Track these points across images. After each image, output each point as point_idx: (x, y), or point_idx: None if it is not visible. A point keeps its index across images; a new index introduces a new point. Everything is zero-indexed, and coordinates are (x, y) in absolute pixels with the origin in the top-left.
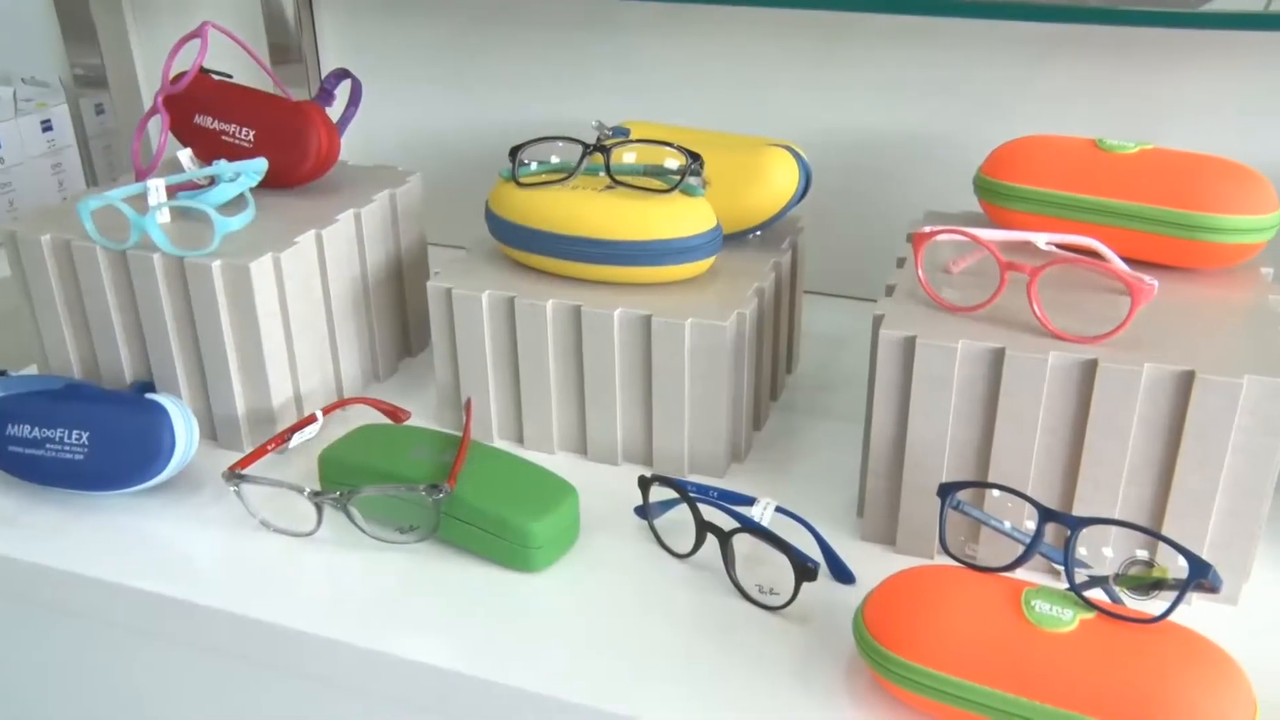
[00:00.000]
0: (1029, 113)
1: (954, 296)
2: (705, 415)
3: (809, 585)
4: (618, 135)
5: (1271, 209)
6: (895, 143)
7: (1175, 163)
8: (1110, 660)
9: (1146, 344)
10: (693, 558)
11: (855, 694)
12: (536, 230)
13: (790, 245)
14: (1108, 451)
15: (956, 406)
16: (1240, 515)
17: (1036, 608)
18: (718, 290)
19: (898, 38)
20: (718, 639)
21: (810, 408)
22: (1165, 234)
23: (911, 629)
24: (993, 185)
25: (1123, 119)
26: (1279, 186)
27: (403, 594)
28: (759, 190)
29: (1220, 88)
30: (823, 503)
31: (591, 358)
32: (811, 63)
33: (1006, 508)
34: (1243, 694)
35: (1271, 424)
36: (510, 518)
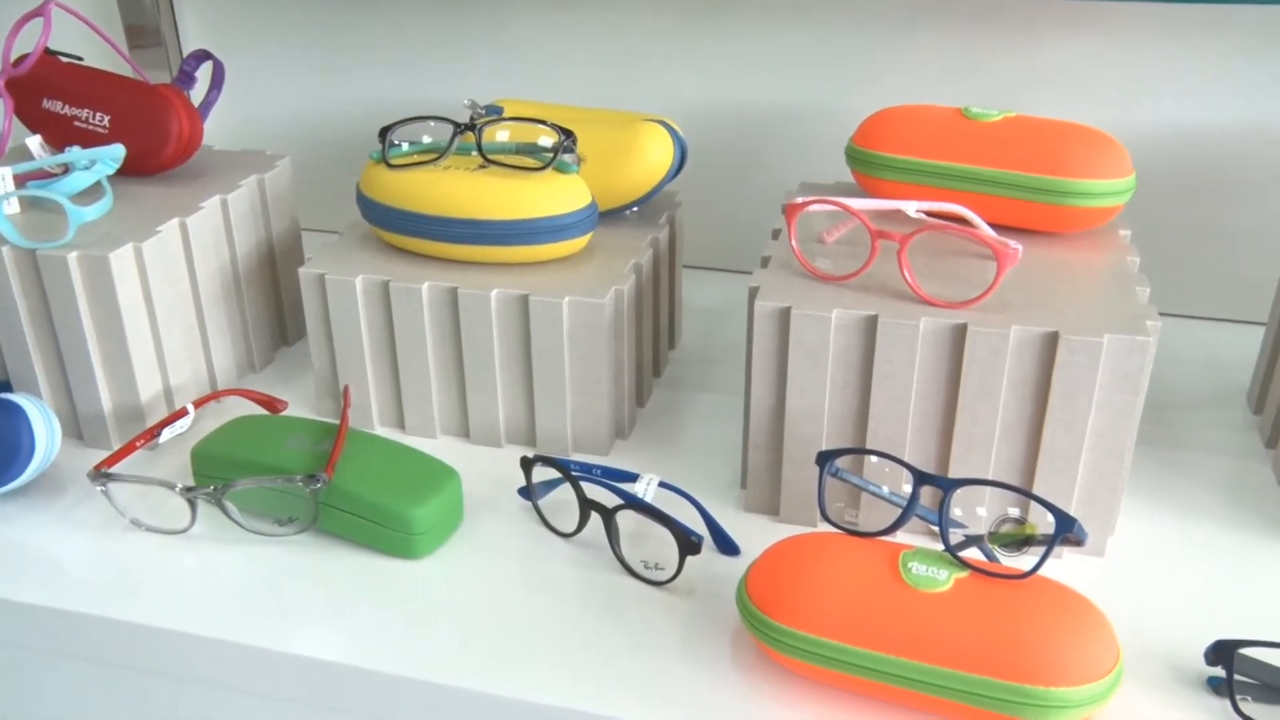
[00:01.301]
0: (899, 83)
1: (828, 266)
2: (587, 394)
3: (694, 558)
4: (491, 114)
5: (1127, 173)
6: (770, 115)
7: (1037, 130)
8: (983, 616)
9: (1013, 307)
10: (578, 536)
11: (741, 663)
12: (409, 212)
13: (668, 220)
14: (979, 413)
15: (833, 375)
16: (1104, 471)
17: (913, 569)
18: (595, 267)
19: (769, 11)
20: (604, 616)
21: (694, 382)
22: (1029, 199)
23: (792, 597)
24: (863, 155)
25: (988, 88)
26: (1133, 151)
27: (284, 588)
28: (634, 166)
29: (1079, 56)
30: (707, 476)
31: (470, 340)
32: (685, 38)
33: (884, 473)
34: (1107, 640)
35: (1131, 381)
36: (391, 505)
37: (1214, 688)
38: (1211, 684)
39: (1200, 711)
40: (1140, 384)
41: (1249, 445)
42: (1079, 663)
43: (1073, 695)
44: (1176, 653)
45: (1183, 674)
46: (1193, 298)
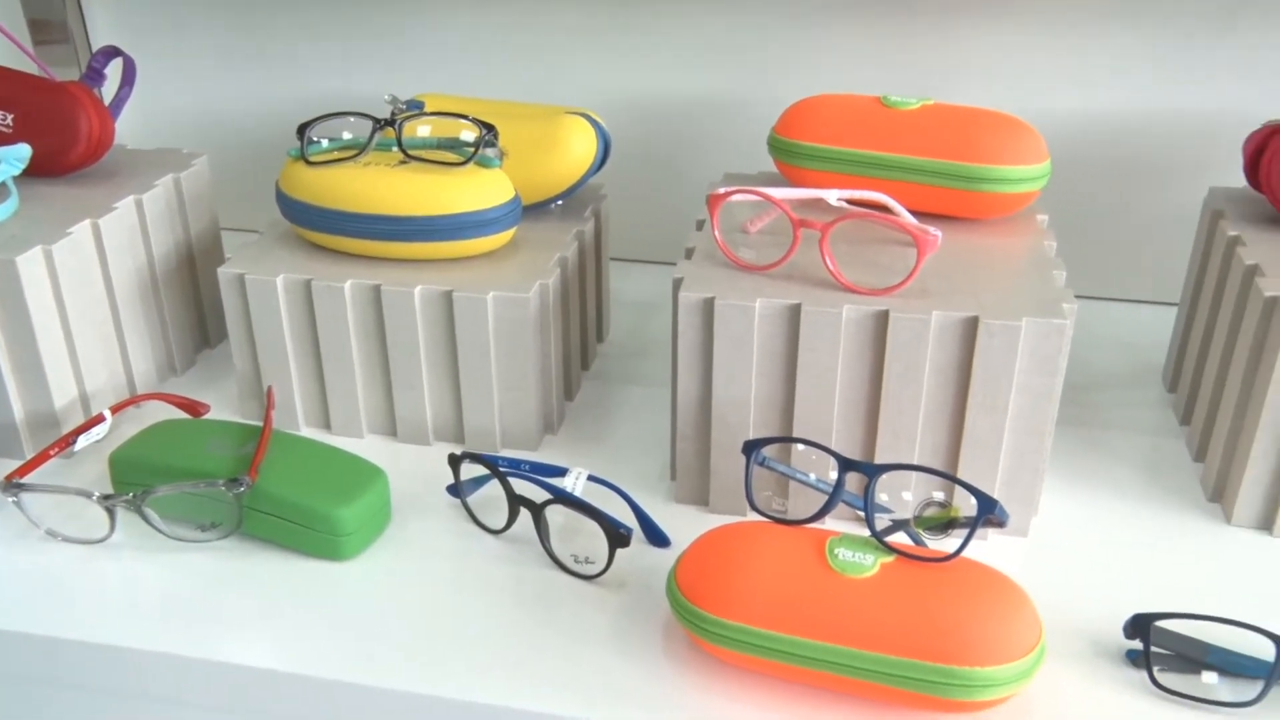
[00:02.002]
0: (821, 72)
1: (751, 256)
2: (514, 389)
3: (625, 551)
4: (412, 109)
5: (1043, 159)
6: (693, 106)
7: (954, 117)
8: (907, 600)
9: (934, 293)
10: (508, 533)
11: (673, 654)
12: (329, 210)
13: (593, 213)
14: (903, 399)
15: (758, 364)
16: (1025, 452)
17: (839, 555)
18: (520, 262)
19: (691, 1)
20: (536, 612)
21: (623, 375)
22: (948, 186)
23: (720, 587)
24: (785, 144)
25: (908, 76)
26: (1049, 138)
27: (210, 595)
28: (557, 159)
29: (996, 45)
30: (637, 468)
31: (395, 337)
32: (607, 30)
33: (811, 460)
34: (1029, 619)
35: (1049, 363)
36: (316, 506)
37: (1132, 660)
38: (1130, 657)
39: (1120, 684)
40: (1058, 366)
41: (1165, 422)
42: (1002, 642)
43: (997, 674)
44: (1098, 628)
45: (1104, 648)
46: (1109, 280)
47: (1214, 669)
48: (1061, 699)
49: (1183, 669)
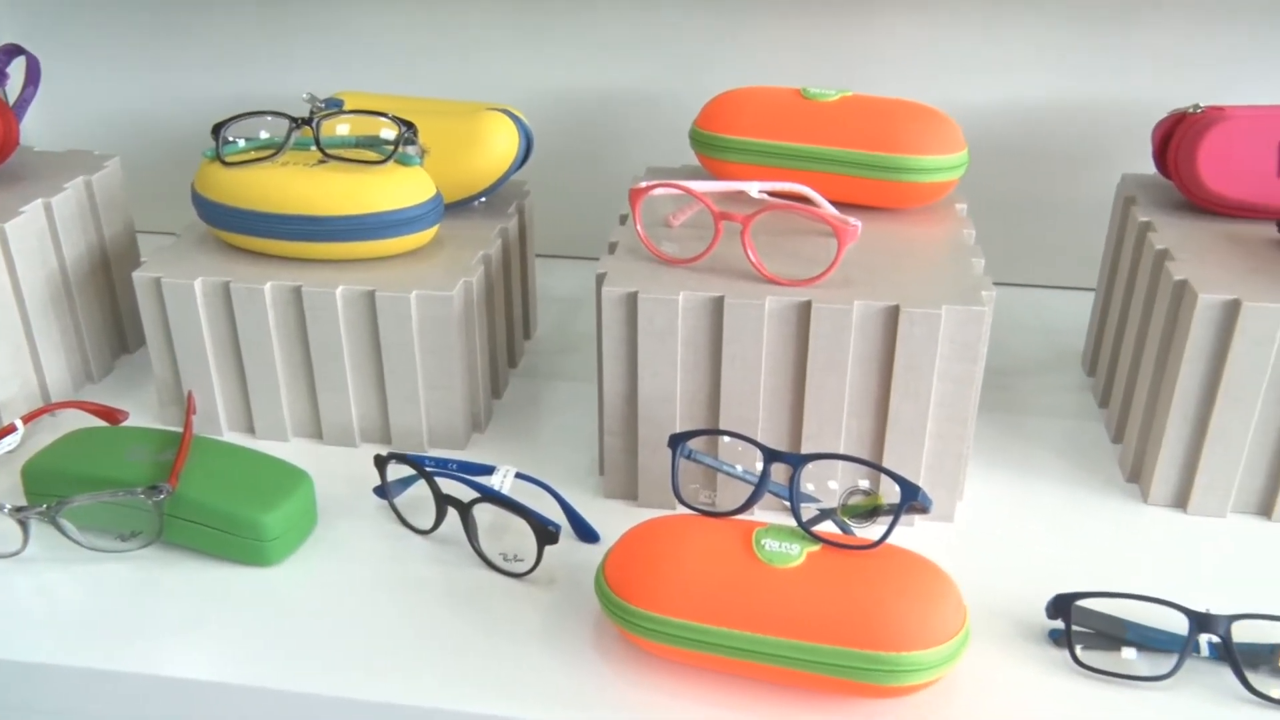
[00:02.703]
0: (743, 65)
1: (673, 249)
2: (440, 388)
3: (554, 547)
4: (331, 107)
5: (960, 148)
6: (616, 100)
7: (873, 108)
8: (834, 588)
9: (856, 282)
10: (437, 533)
11: (603, 649)
12: (247, 211)
13: (516, 210)
14: (828, 388)
15: (683, 358)
16: (949, 438)
17: (766, 546)
18: (443, 260)
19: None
20: (465, 612)
21: (551, 371)
22: (867, 176)
23: (648, 581)
24: (706, 138)
25: (828, 68)
26: (967, 127)
27: (132, 606)
28: (479, 156)
29: (914, 36)
30: (565, 464)
31: (317, 339)
32: (528, 25)
33: (737, 452)
34: (953, 603)
35: (970, 350)
36: (239, 511)
37: (1055, 640)
38: (1053, 636)
39: (1043, 663)
40: (979, 352)
41: (1084, 405)
42: (927, 626)
43: (923, 658)
44: (1022, 609)
45: (1028, 629)
46: (1028, 267)
47: (1133, 645)
48: (986, 680)
49: (1103, 646)
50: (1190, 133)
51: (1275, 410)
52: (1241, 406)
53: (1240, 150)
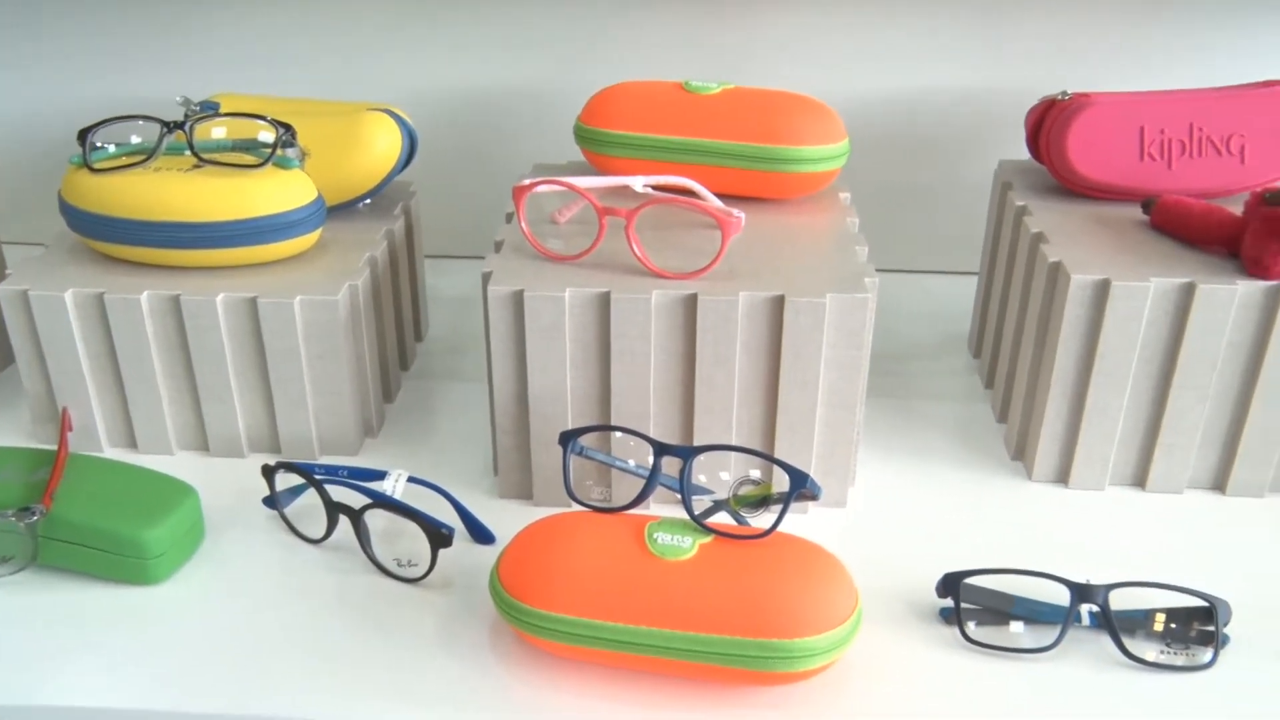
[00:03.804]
0: (627, 60)
1: (559, 246)
2: (329, 394)
3: (449, 551)
4: (206, 110)
5: (841, 138)
6: (501, 98)
7: (754, 100)
8: (726, 578)
9: (741, 274)
10: (330, 541)
11: (500, 651)
12: (119, 219)
13: (402, 211)
14: (717, 380)
15: (572, 355)
16: (838, 425)
17: (658, 540)
18: (327, 264)
19: None
20: (360, 620)
21: (444, 372)
22: (750, 168)
23: (542, 580)
24: (590, 133)
25: (712, 61)
26: (849, 117)
27: (7, 636)
28: (361, 157)
29: (795, 28)
30: (460, 466)
31: (199, 349)
32: (410, 23)
33: (630, 447)
34: (845, 587)
35: (855, 337)
36: (121, 529)
37: (945, 618)
38: (943, 615)
39: (934, 641)
40: (864, 339)
41: (971, 387)
42: (819, 612)
43: (816, 644)
44: (913, 589)
45: (919, 609)
46: (913, 253)
47: (1019, 618)
48: (880, 661)
49: (991, 621)
50: (1059, 119)
51: (1146, 385)
52: (1114, 383)
53: (1106, 135)
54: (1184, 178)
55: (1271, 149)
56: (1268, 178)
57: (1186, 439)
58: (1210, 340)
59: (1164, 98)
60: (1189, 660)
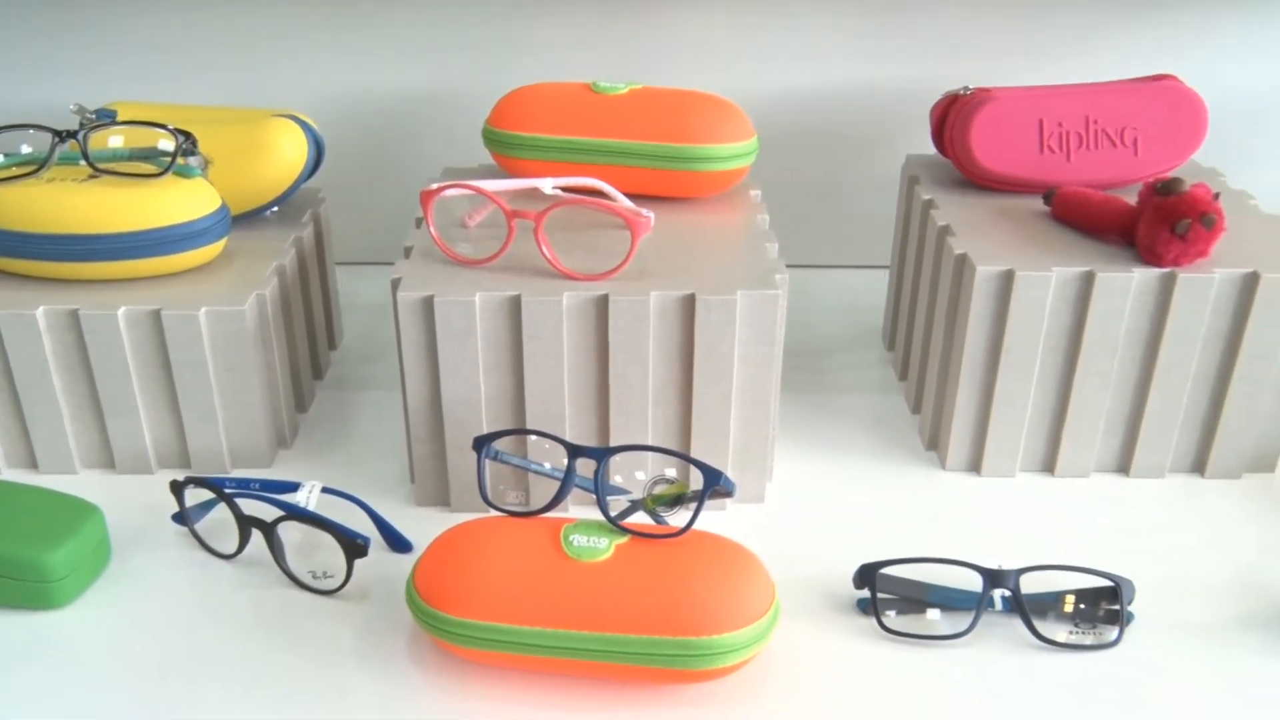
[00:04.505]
0: (537, 60)
1: (469, 250)
2: (239, 406)
3: (366, 561)
4: (103, 118)
5: (749, 136)
6: (410, 102)
7: (662, 100)
8: (643, 578)
9: (652, 273)
10: (242, 556)
11: (420, 660)
12: (10, 232)
13: (311, 218)
14: (631, 380)
15: (484, 359)
16: (754, 421)
17: (574, 542)
18: (234, 274)
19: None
20: (276, 636)
21: (359, 381)
22: (659, 167)
23: (458, 586)
24: (499, 136)
25: (621, 61)
26: (759, 115)
27: None
28: (266, 164)
29: (702, 28)
30: (376, 475)
31: (101, 364)
32: (314, 27)
33: (545, 450)
34: (761, 583)
35: (767, 333)
36: (19, 553)
37: (863, 609)
38: (861, 606)
39: (852, 632)
40: (776, 335)
41: (886, 379)
42: (735, 608)
43: (732, 640)
44: (831, 581)
45: (837, 601)
46: (827, 248)
47: (935, 606)
48: (799, 654)
49: (908, 610)
50: (962, 114)
51: (1051, 374)
52: (1021, 372)
53: (1007, 129)
54: (1082, 169)
55: (1162, 140)
56: (1160, 168)
57: (1091, 425)
58: (1110, 327)
59: (1061, 92)
60: (1097, 639)
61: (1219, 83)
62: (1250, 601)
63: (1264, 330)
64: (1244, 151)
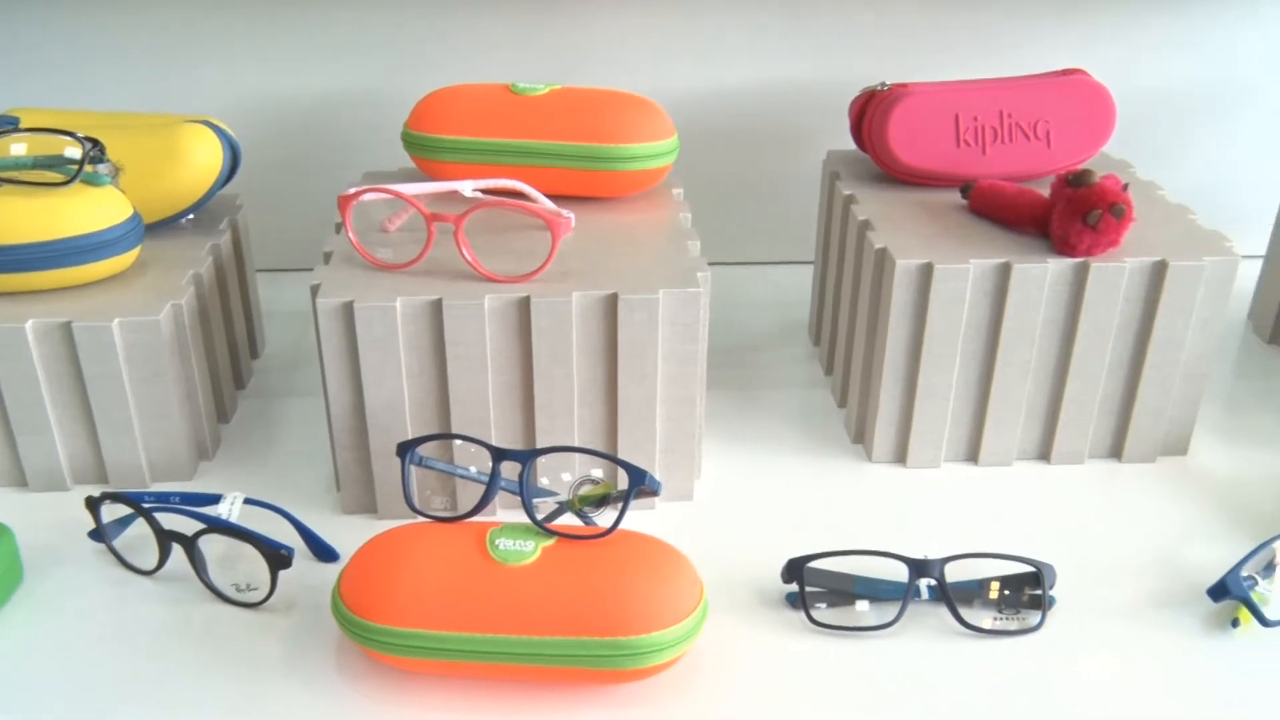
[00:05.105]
0: (456, 64)
1: (389, 255)
2: (157, 418)
3: (292, 571)
4: (4, 125)
5: (670, 134)
6: (329, 106)
7: (581, 100)
8: (570, 580)
9: (575, 274)
10: (165, 571)
11: (347, 670)
12: None
13: (229, 225)
14: (555, 382)
15: (407, 364)
16: (680, 419)
17: (500, 546)
18: (148, 283)
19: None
20: (202, 651)
21: (282, 389)
22: (580, 167)
23: (384, 594)
24: (417, 139)
25: (543, 62)
26: (678, 114)
27: None
28: (180, 171)
29: (622, 28)
30: (301, 484)
31: (9, 379)
32: (229, 31)
33: (471, 454)
34: (688, 580)
35: (690, 331)
36: None
37: (792, 603)
38: (790, 600)
39: (782, 627)
40: (698, 332)
41: (813, 374)
42: (662, 606)
43: (661, 639)
44: (760, 577)
45: (766, 596)
46: (753, 245)
47: (863, 598)
48: (729, 650)
49: (837, 602)
50: (879, 110)
51: (972, 364)
52: (943, 363)
53: (924, 124)
54: (997, 162)
55: (1074, 133)
56: (1072, 160)
57: (1012, 414)
58: (1027, 317)
59: (976, 87)
60: (1020, 624)
61: (1128, 77)
62: (1166, 581)
63: (1173, 317)
64: (1153, 143)
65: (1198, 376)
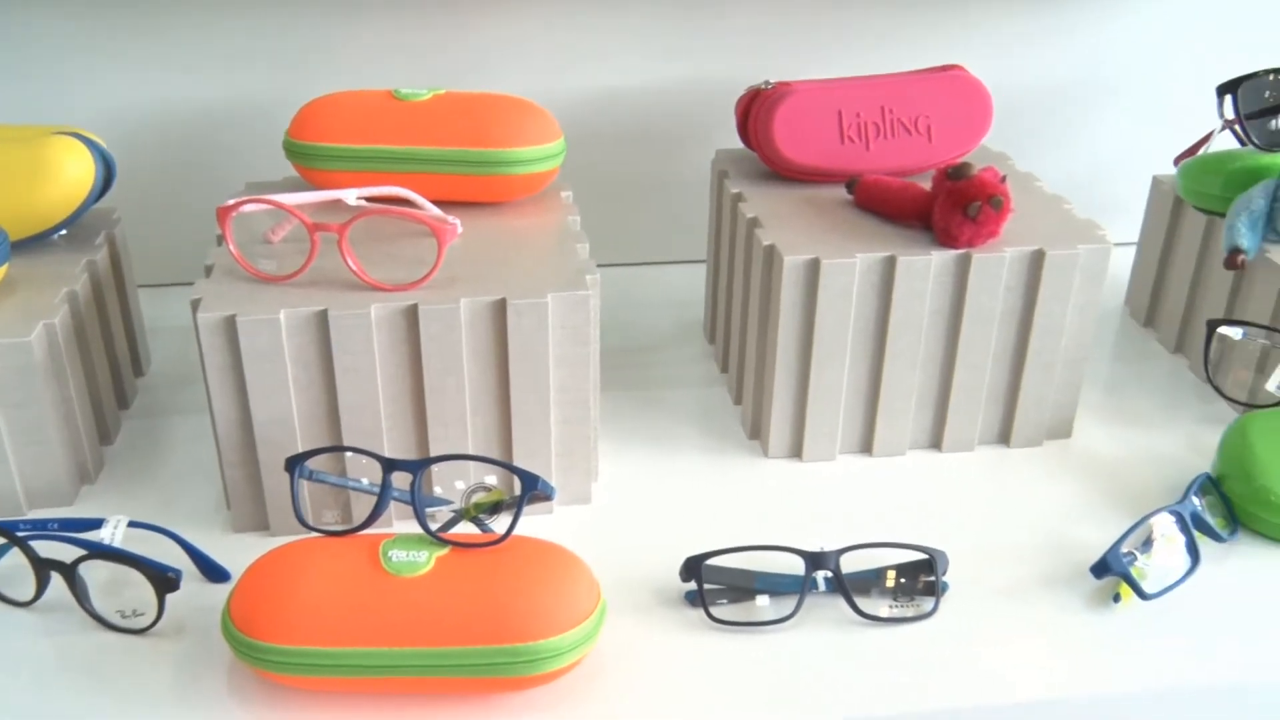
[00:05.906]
0: (339, 72)
1: (272, 267)
2: (32, 444)
3: (181, 594)
4: None
5: (555, 137)
6: (209, 116)
7: (465, 105)
8: (464, 588)
9: (462, 280)
10: (42, 601)
11: (241, 693)
12: None
13: (105, 240)
14: (447, 389)
15: (294, 377)
16: (574, 422)
17: (393, 557)
18: (18, 303)
19: (196, 8)
20: (85, 682)
21: (169, 407)
22: (465, 173)
23: (275, 613)
24: (299, 147)
25: (428, 69)
26: (570, 116)
27: None
28: (48, 185)
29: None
30: (190, 503)
31: None
32: (102, 38)
33: (363, 465)
34: (584, 584)
35: (580, 333)
36: None
37: (691, 601)
38: (689, 598)
39: (682, 626)
40: (590, 335)
41: (709, 373)
42: (558, 611)
43: (559, 643)
44: (659, 576)
45: (665, 596)
46: (645, 245)
47: (763, 592)
48: (629, 652)
49: (736, 599)
50: (764, 108)
51: (862, 357)
52: (833, 357)
53: (808, 121)
54: (881, 158)
55: (953, 128)
56: (952, 154)
57: (903, 404)
58: (914, 309)
59: (858, 83)
60: (916, 611)
61: (1004, 71)
62: (1053, 560)
63: (1052, 304)
64: (1030, 136)
65: (1078, 361)
